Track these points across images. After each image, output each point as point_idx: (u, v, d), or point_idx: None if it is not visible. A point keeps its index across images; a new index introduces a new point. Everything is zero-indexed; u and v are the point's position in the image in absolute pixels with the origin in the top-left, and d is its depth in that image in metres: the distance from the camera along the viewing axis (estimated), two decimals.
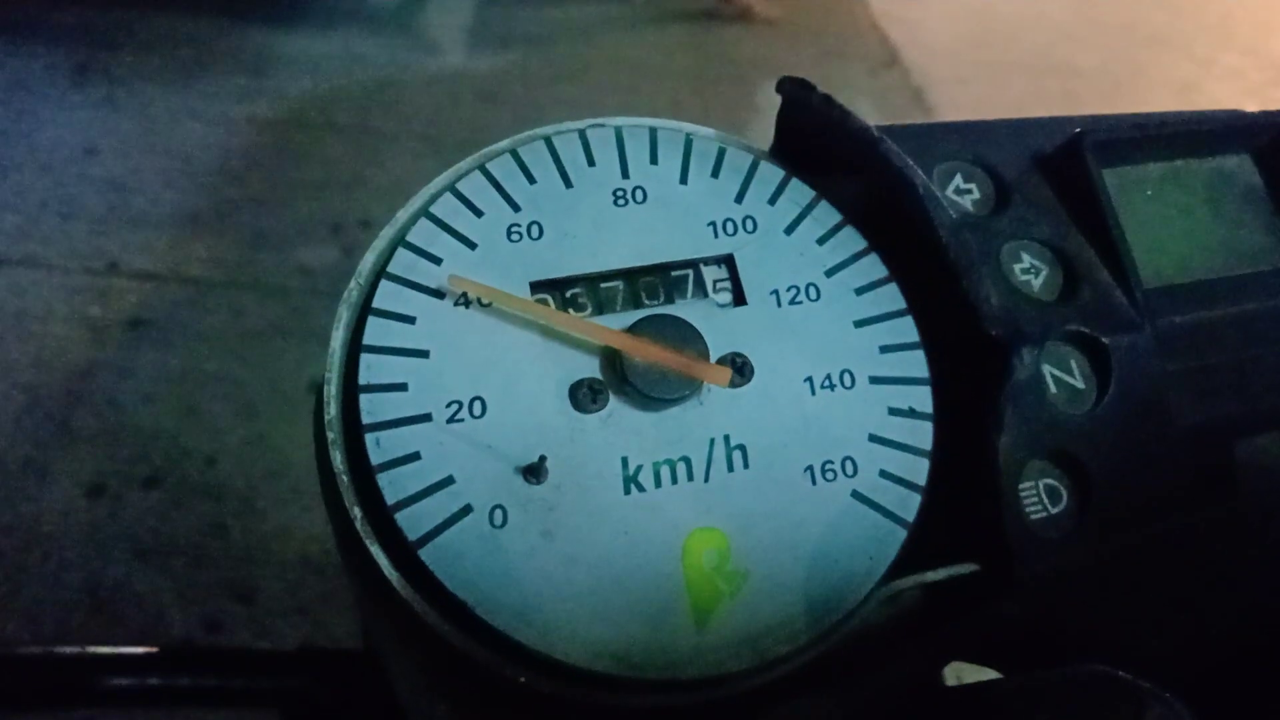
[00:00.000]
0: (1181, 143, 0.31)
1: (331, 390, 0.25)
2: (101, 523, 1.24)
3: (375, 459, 0.23)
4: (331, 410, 0.24)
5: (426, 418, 0.24)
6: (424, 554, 0.23)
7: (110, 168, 1.80)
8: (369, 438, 0.24)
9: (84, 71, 2.05)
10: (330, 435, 0.24)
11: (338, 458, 0.24)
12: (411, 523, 0.23)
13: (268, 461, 1.32)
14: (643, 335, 0.25)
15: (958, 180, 0.29)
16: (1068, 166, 0.29)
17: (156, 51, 2.16)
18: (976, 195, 0.29)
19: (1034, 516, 0.25)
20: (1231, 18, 3.08)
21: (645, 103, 2.29)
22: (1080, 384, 0.27)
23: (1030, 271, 0.28)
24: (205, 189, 1.80)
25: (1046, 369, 0.26)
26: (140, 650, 0.38)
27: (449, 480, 0.23)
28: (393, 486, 0.23)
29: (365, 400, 0.24)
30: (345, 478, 0.24)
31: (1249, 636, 0.27)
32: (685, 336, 0.26)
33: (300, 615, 1.16)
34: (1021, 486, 0.25)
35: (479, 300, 0.26)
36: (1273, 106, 0.33)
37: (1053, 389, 0.26)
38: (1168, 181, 0.31)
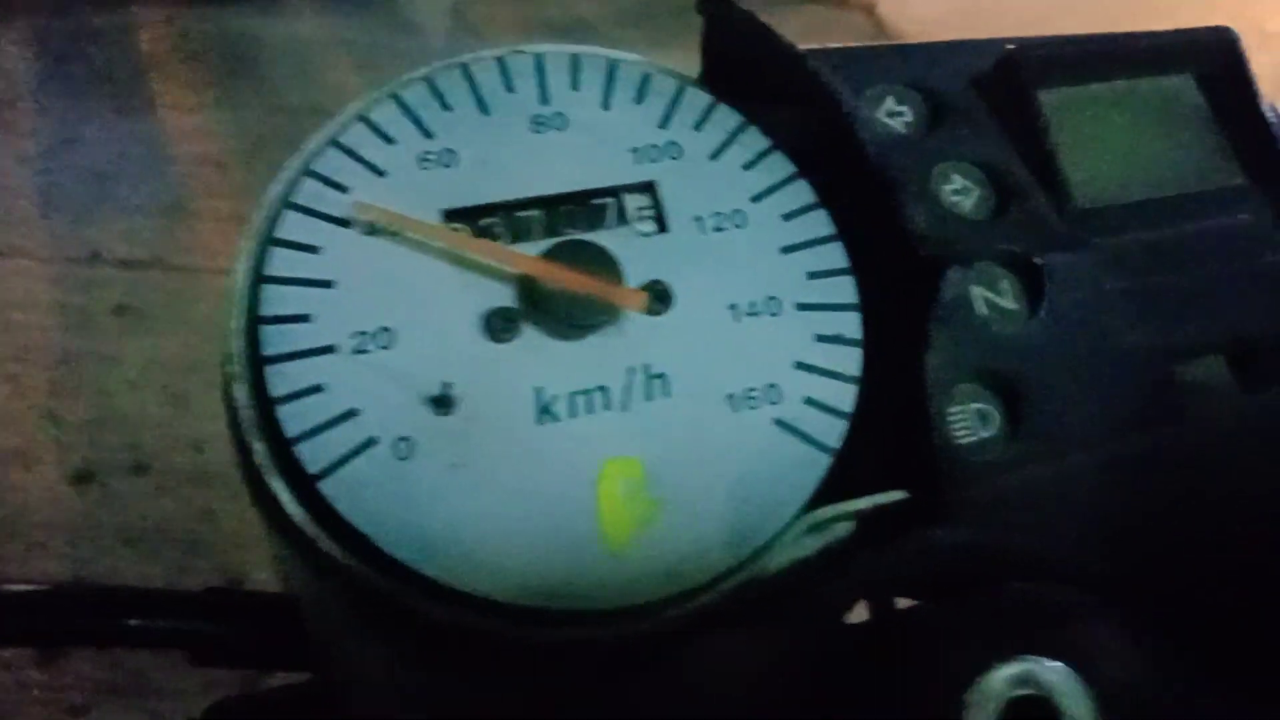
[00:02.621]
0: (1121, 62, 0.31)
1: (233, 324, 0.24)
2: (90, 511, 1.24)
3: (276, 391, 0.23)
4: (233, 345, 0.24)
5: (330, 349, 0.23)
6: (324, 486, 0.22)
7: (91, 156, 1.79)
8: (269, 370, 0.23)
9: (64, 61, 2.03)
10: (231, 369, 0.23)
11: (240, 391, 0.23)
12: (313, 455, 0.22)
13: None
14: (555, 261, 0.25)
15: (889, 102, 0.29)
16: (1002, 86, 0.29)
17: (136, 38, 2.14)
18: (909, 117, 0.29)
19: (964, 440, 0.24)
20: None
21: None
22: (1012, 304, 0.26)
23: (961, 192, 0.27)
24: (187, 176, 1.78)
25: (977, 290, 0.26)
26: (36, 588, 0.37)
27: (353, 412, 0.23)
28: (294, 419, 0.23)
29: (266, 332, 0.23)
30: (248, 411, 0.23)
31: (1184, 561, 0.27)
32: (600, 262, 0.25)
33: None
34: (951, 410, 0.25)
35: (390, 229, 0.25)
36: (1260, 72, 0.33)
37: (984, 310, 0.26)
38: (1107, 101, 0.30)
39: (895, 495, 0.24)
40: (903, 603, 0.29)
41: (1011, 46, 0.29)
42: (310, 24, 2.32)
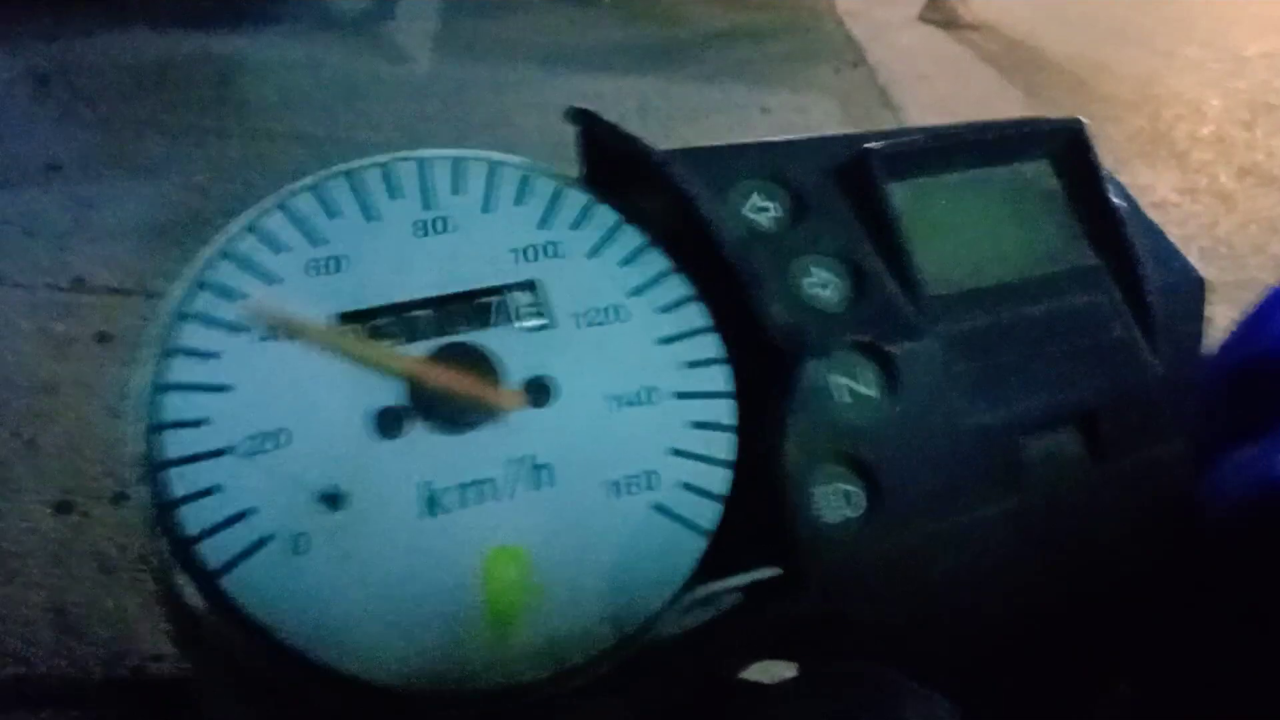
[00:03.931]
0: (975, 152, 0.32)
1: (133, 431, 0.25)
2: (68, 539, 1.23)
3: (174, 493, 0.24)
4: (133, 450, 0.25)
5: (226, 451, 0.24)
6: (224, 582, 0.23)
7: (73, 182, 1.79)
8: (170, 473, 0.24)
9: (45, 84, 2.04)
10: (136, 472, 0.25)
11: (143, 492, 0.24)
12: (213, 552, 0.23)
13: None
14: (438, 362, 0.26)
15: (755, 198, 0.30)
16: (857, 181, 0.30)
17: (119, 63, 2.14)
18: (773, 212, 0.30)
19: (828, 520, 0.26)
20: (1192, 11, 3.12)
21: (612, 107, 2.29)
22: (869, 390, 0.27)
23: (820, 285, 0.29)
24: (170, 202, 1.78)
25: (836, 378, 0.27)
26: None
27: (251, 511, 0.24)
28: (193, 518, 0.24)
29: (166, 436, 0.24)
30: (148, 512, 0.24)
31: (1027, 632, 0.28)
32: (477, 363, 0.26)
33: None
34: (816, 490, 0.26)
35: (282, 333, 0.26)
36: (1234, 97, 0.34)
37: (844, 396, 0.27)
38: (961, 191, 0.32)
39: (769, 572, 0.25)
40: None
41: (868, 145, 0.30)
42: (294, 49, 2.33)
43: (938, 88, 2.55)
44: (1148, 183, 2.22)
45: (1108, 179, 0.32)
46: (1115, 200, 0.32)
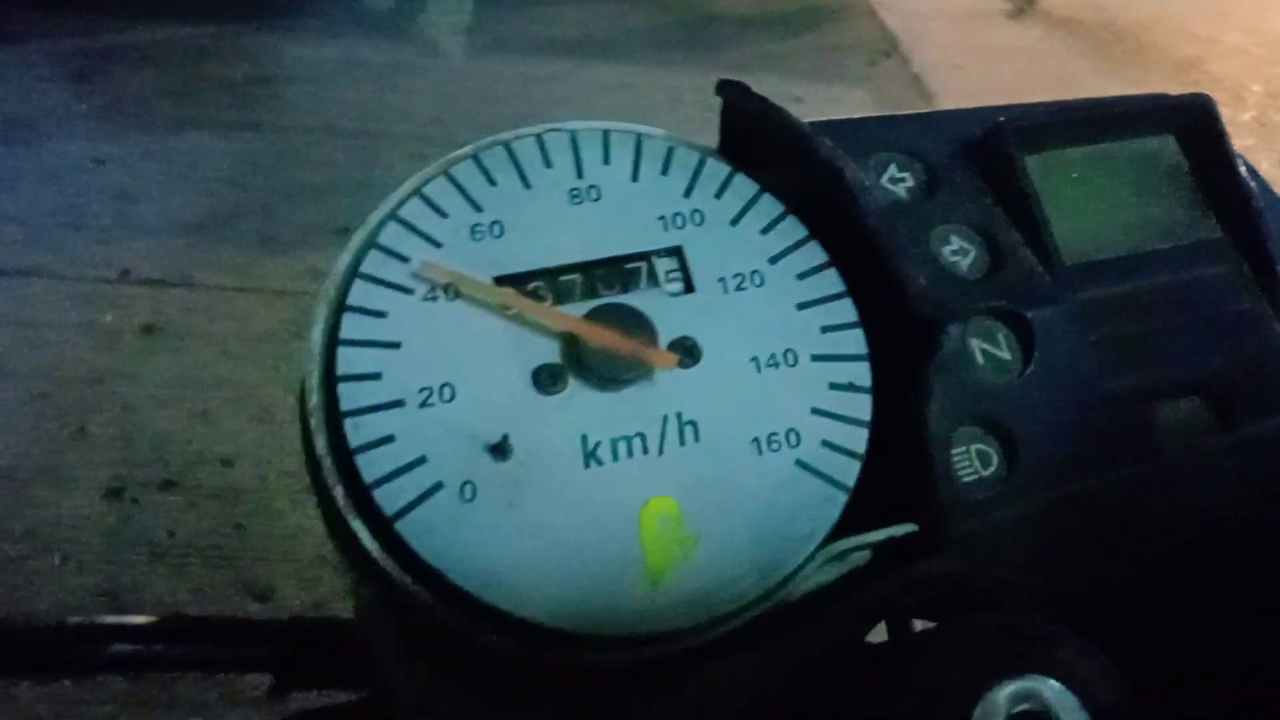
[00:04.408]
0: (1104, 126, 0.33)
1: (313, 381, 0.26)
2: (119, 526, 1.26)
3: (353, 442, 0.25)
4: (313, 399, 0.26)
5: (400, 403, 0.26)
6: (400, 527, 0.24)
7: (116, 177, 1.82)
8: (347, 422, 0.25)
9: (87, 81, 2.07)
10: (313, 421, 0.26)
11: (320, 442, 0.26)
12: (388, 499, 0.25)
13: (282, 462, 1.34)
14: (597, 321, 0.27)
15: (892, 170, 0.31)
16: (993, 153, 0.31)
17: (157, 59, 2.18)
18: (910, 183, 0.31)
19: (966, 479, 0.27)
20: None
21: (642, 99, 2.30)
22: (1006, 355, 0.28)
23: (958, 253, 0.30)
24: (211, 196, 1.81)
25: (975, 342, 0.28)
26: (141, 620, 0.40)
27: (422, 460, 0.25)
28: (370, 466, 0.25)
29: (344, 389, 0.26)
30: (328, 459, 0.25)
31: (1166, 589, 0.29)
32: (636, 323, 0.28)
33: (316, 611, 1.17)
34: (954, 451, 0.27)
35: (445, 293, 0.27)
36: (1275, 82, 0.35)
37: (980, 361, 0.28)
38: (1090, 164, 0.33)
39: (906, 528, 0.26)
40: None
41: (1001, 117, 0.31)
42: (328, 46, 2.35)
43: (971, 78, 2.54)
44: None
45: (1236, 154, 0.33)
46: (1243, 174, 0.32)
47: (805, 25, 2.75)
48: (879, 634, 0.30)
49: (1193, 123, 0.33)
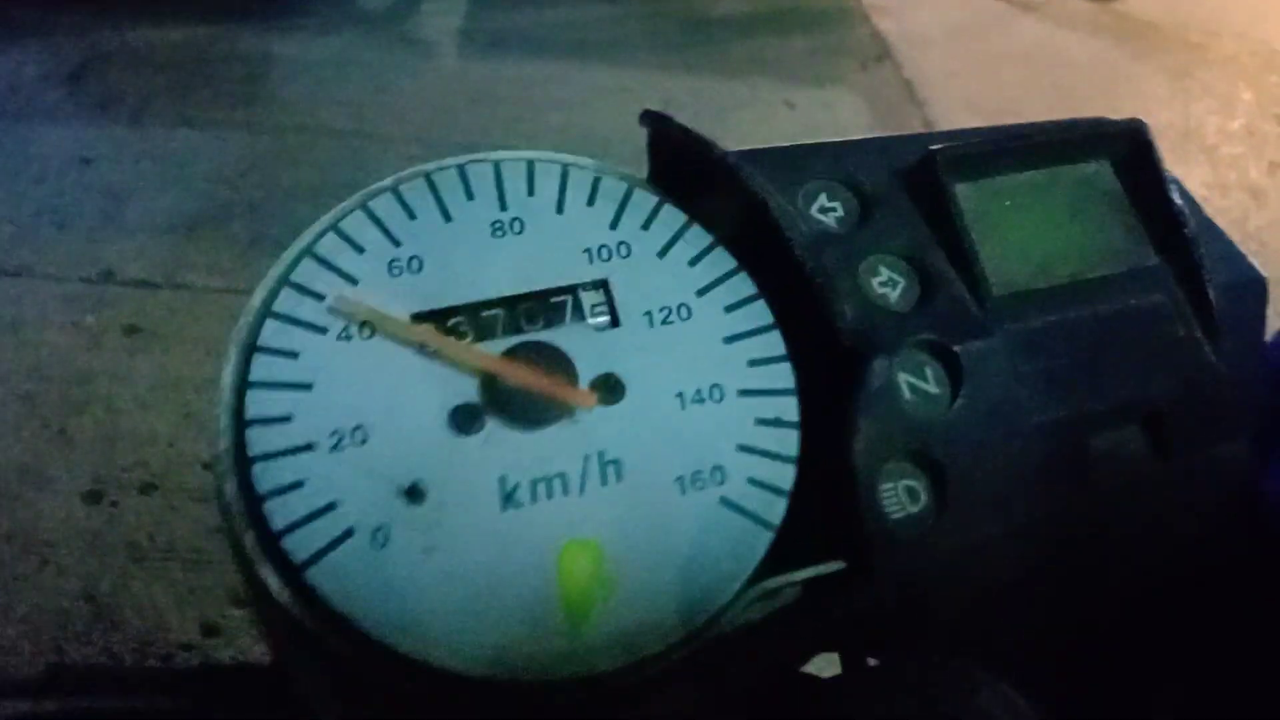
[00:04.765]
0: (1039, 154, 0.32)
1: (221, 425, 0.26)
2: (100, 529, 1.25)
3: (261, 488, 0.25)
4: (221, 444, 0.26)
5: (310, 447, 0.25)
6: (310, 575, 0.24)
7: (105, 176, 1.81)
8: (255, 467, 0.25)
9: (78, 79, 2.06)
10: (220, 467, 0.25)
11: (229, 487, 0.25)
12: (298, 546, 0.24)
13: None
14: (516, 360, 0.27)
15: (822, 199, 0.30)
16: (924, 182, 0.31)
17: (150, 58, 2.17)
18: (840, 213, 0.30)
19: (895, 516, 0.26)
20: (1225, 3, 3.07)
21: (637, 102, 2.29)
22: (934, 389, 0.28)
23: (887, 284, 0.29)
24: (200, 195, 1.80)
25: (902, 376, 0.28)
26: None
27: (332, 505, 0.25)
28: (279, 513, 0.24)
29: (251, 433, 0.25)
30: (237, 505, 0.25)
31: (1102, 621, 0.28)
32: (555, 361, 0.27)
33: None
34: (883, 487, 0.26)
35: (360, 332, 0.27)
36: (1267, 91, 0.34)
37: (908, 395, 0.28)
38: (1024, 192, 0.32)
39: (834, 565, 0.26)
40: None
41: (934, 145, 0.31)
42: (323, 45, 2.35)
43: (966, 84, 2.53)
44: (1178, 177, 2.19)
45: (1169, 180, 0.32)
46: (1177, 200, 0.32)
47: (798, 29, 2.74)
48: (822, 666, 0.30)
49: (1128, 148, 0.33)
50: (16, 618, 1.15)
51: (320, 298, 0.27)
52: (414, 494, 0.25)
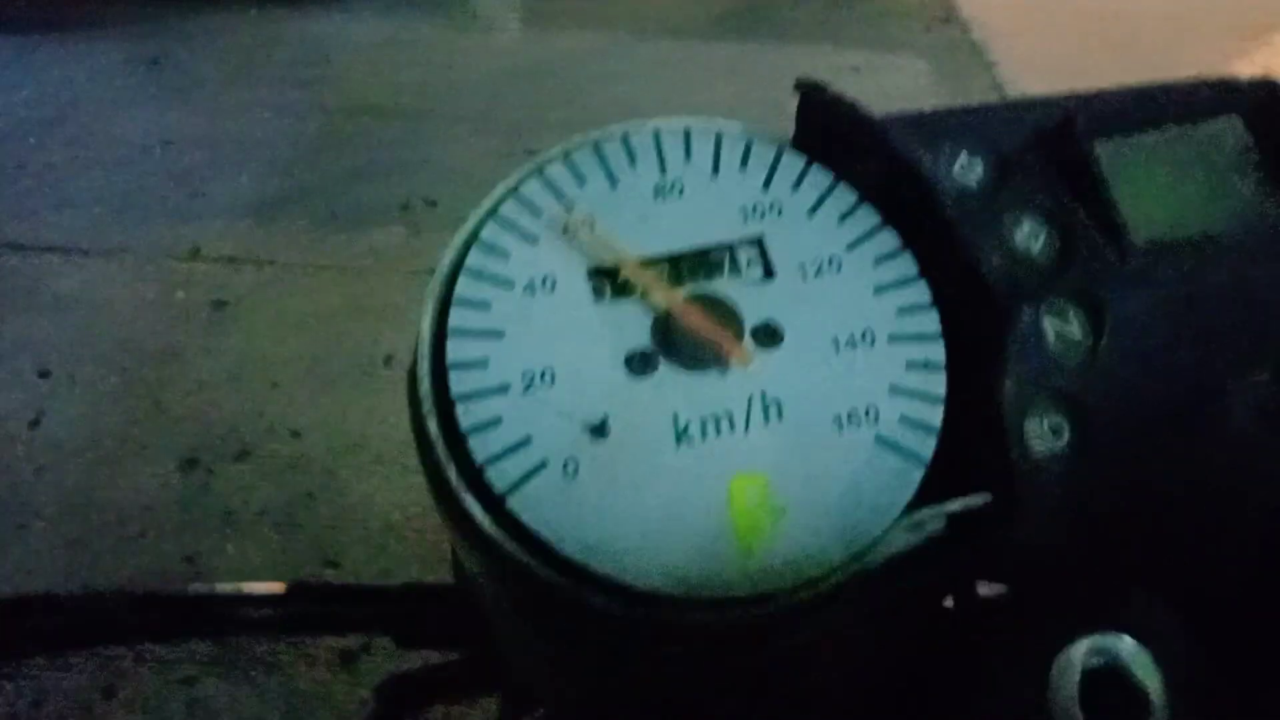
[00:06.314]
0: (1171, 111, 0.33)
1: (424, 369, 0.28)
2: (195, 495, 1.31)
3: (464, 424, 0.27)
4: (424, 386, 0.28)
5: (505, 388, 0.28)
6: (511, 502, 0.26)
7: (185, 158, 1.87)
8: (459, 407, 0.27)
9: (156, 65, 2.12)
10: (425, 406, 0.28)
11: (432, 425, 0.27)
12: (499, 477, 0.26)
13: (349, 434, 1.38)
14: (691, 309, 0.29)
15: (962, 159, 0.32)
16: (1063, 141, 0.32)
17: (223, 43, 2.22)
18: (979, 173, 0.32)
19: (1039, 452, 0.28)
20: None
21: (696, 75, 2.29)
22: (1078, 335, 0.29)
23: (1029, 237, 0.31)
24: (277, 175, 1.86)
25: (1048, 322, 0.29)
26: (263, 587, 0.43)
27: (527, 440, 0.27)
28: (480, 447, 0.27)
29: (454, 375, 0.28)
30: (440, 442, 0.27)
31: (1240, 566, 0.30)
32: (723, 312, 0.29)
33: (384, 577, 1.21)
34: (1028, 425, 0.28)
35: (544, 286, 0.30)
36: None
37: (1052, 340, 0.29)
38: (1159, 148, 0.33)
39: (981, 498, 0.27)
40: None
41: (1070, 104, 0.32)
42: (386, 26, 2.38)
43: (1033, 44, 2.49)
44: None
45: None
46: None
47: None
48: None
49: (1259, 104, 0.34)
50: (120, 578, 1.21)
51: (505, 255, 0.30)
52: (599, 430, 0.27)
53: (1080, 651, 0.24)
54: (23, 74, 2.07)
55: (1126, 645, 0.24)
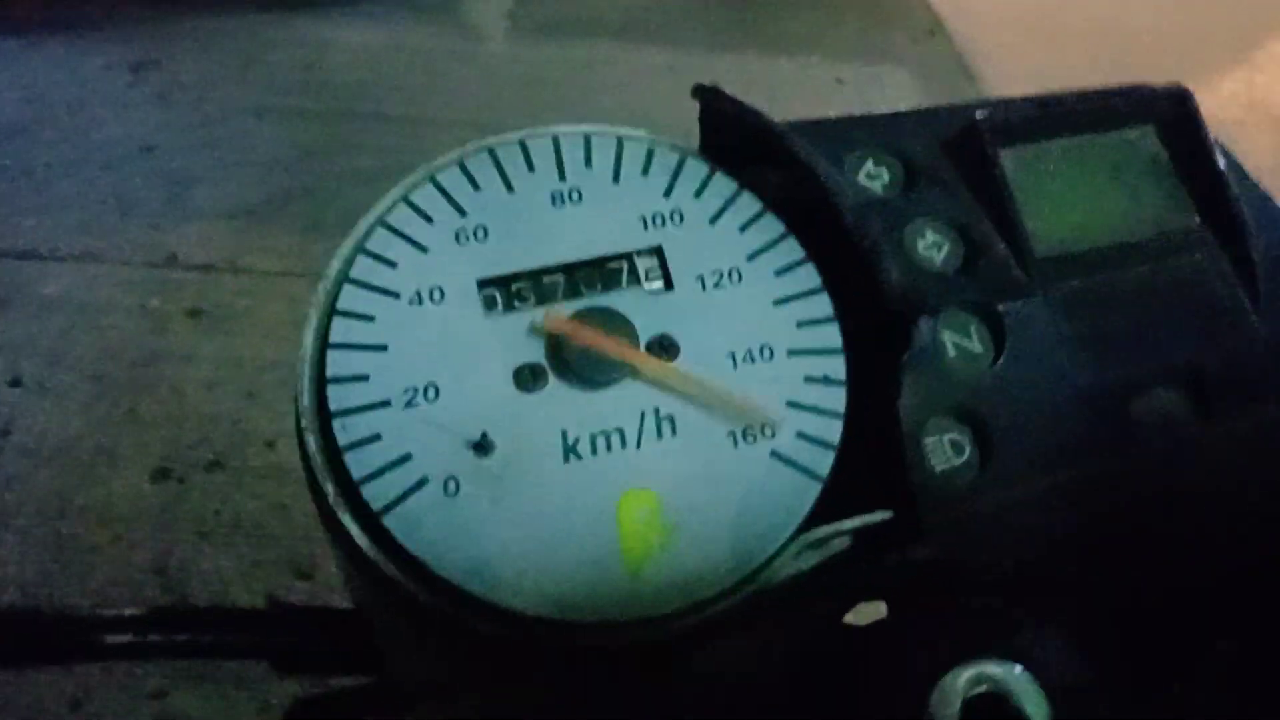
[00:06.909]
0: (1082, 119, 0.33)
1: (304, 383, 0.28)
2: (168, 505, 1.29)
3: (342, 441, 0.27)
4: (304, 400, 0.28)
5: (386, 403, 0.27)
6: (387, 521, 0.26)
7: (167, 163, 1.86)
8: (335, 422, 0.27)
9: (140, 69, 2.11)
10: (304, 422, 0.27)
11: (311, 441, 0.27)
12: (375, 494, 0.26)
13: None
14: (582, 324, 0.29)
15: (868, 166, 0.31)
16: (968, 149, 0.32)
17: (209, 47, 2.21)
18: (885, 179, 0.32)
19: (939, 468, 0.27)
20: None
21: (687, 82, 2.28)
22: (978, 348, 0.29)
23: (932, 247, 0.30)
24: (260, 181, 1.84)
25: (947, 335, 0.29)
26: (142, 612, 0.43)
27: (407, 457, 0.26)
28: (358, 464, 0.26)
29: (332, 390, 0.27)
30: (319, 457, 0.27)
31: (1143, 578, 0.29)
32: (617, 325, 0.29)
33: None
34: (928, 440, 0.28)
35: (430, 297, 0.29)
36: None
37: (952, 353, 0.29)
38: (1068, 157, 0.33)
39: (880, 515, 0.27)
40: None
41: (978, 113, 0.32)
42: (376, 32, 2.37)
43: (1021, 57, 2.49)
44: (1244, 150, 2.13)
45: (1214, 144, 0.32)
46: (1220, 164, 0.32)
47: (849, 3, 2.71)
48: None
49: (1172, 113, 0.33)
50: (90, 589, 1.20)
51: (392, 264, 0.29)
52: (482, 447, 0.27)
53: (961, 678, 0.23)
54: (3, 77, 2.05)
55: (1011, 672, 0.23)
